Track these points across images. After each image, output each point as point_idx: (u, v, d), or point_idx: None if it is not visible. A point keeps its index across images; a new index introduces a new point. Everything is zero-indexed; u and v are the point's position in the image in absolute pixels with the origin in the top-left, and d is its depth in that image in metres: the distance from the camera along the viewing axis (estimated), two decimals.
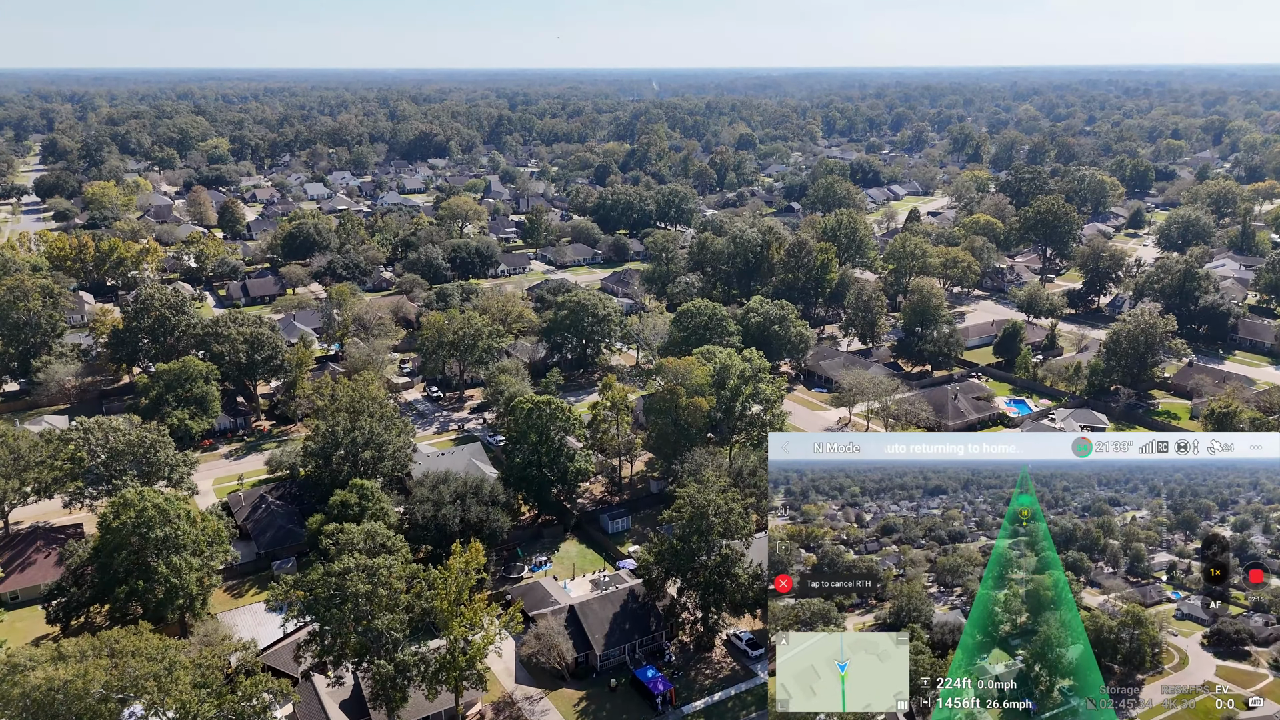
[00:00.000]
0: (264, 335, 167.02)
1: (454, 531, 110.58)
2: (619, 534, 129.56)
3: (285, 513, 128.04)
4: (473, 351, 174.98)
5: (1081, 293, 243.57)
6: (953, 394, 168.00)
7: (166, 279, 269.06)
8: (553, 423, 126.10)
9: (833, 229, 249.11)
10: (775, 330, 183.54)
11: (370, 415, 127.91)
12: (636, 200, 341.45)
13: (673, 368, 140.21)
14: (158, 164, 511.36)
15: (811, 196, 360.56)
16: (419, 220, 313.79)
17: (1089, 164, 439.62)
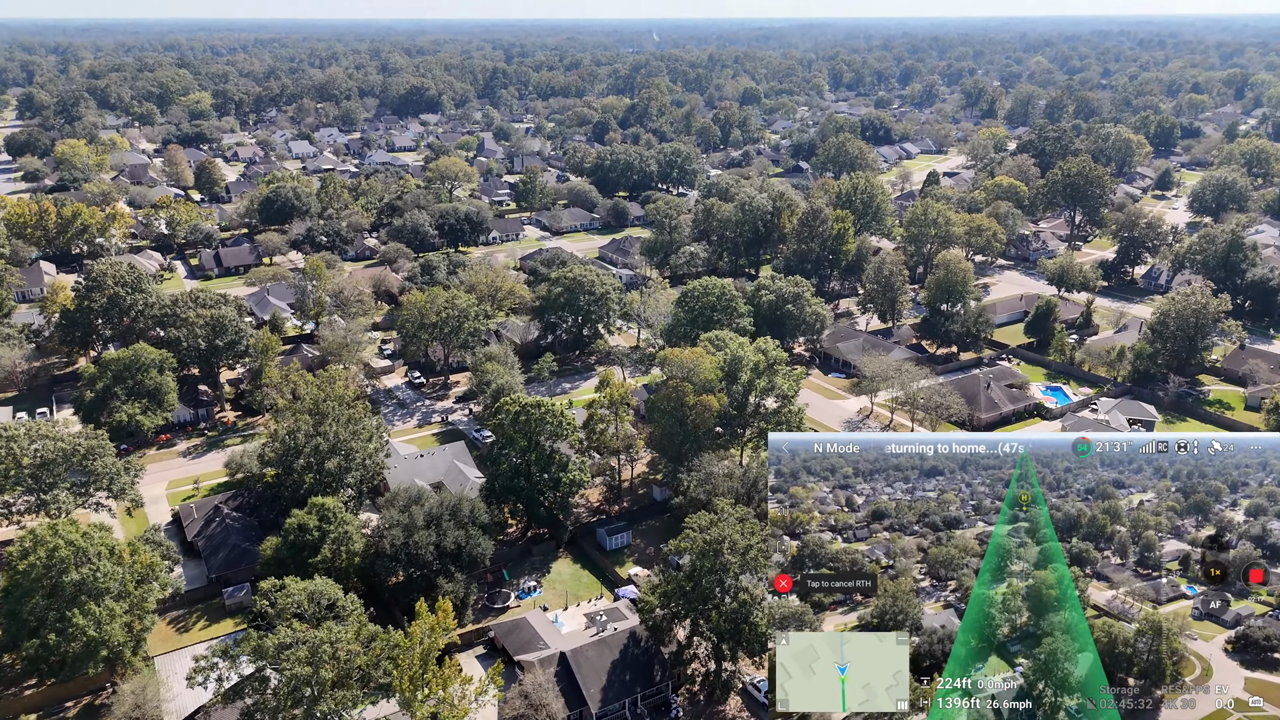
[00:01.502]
0: (227, 318, 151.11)
1: (428, 561, 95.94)
2: (618, 551, 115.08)
3: (242, 528, 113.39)
4: (457, 335, 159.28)
5: (1115, 263, 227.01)
6: (984, 382, 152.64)
7: (136, 247, 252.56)
8: (543, 428, 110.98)
9: (848, 194, 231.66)
10: (789, 310, 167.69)
11: (336, 419, 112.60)
12: (637, 160, 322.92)
13: (678, 360, 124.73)
14: (137, 120, 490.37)
15: (822, 156, 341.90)
16: (406, 183, 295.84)
17: (1111, 120, 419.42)
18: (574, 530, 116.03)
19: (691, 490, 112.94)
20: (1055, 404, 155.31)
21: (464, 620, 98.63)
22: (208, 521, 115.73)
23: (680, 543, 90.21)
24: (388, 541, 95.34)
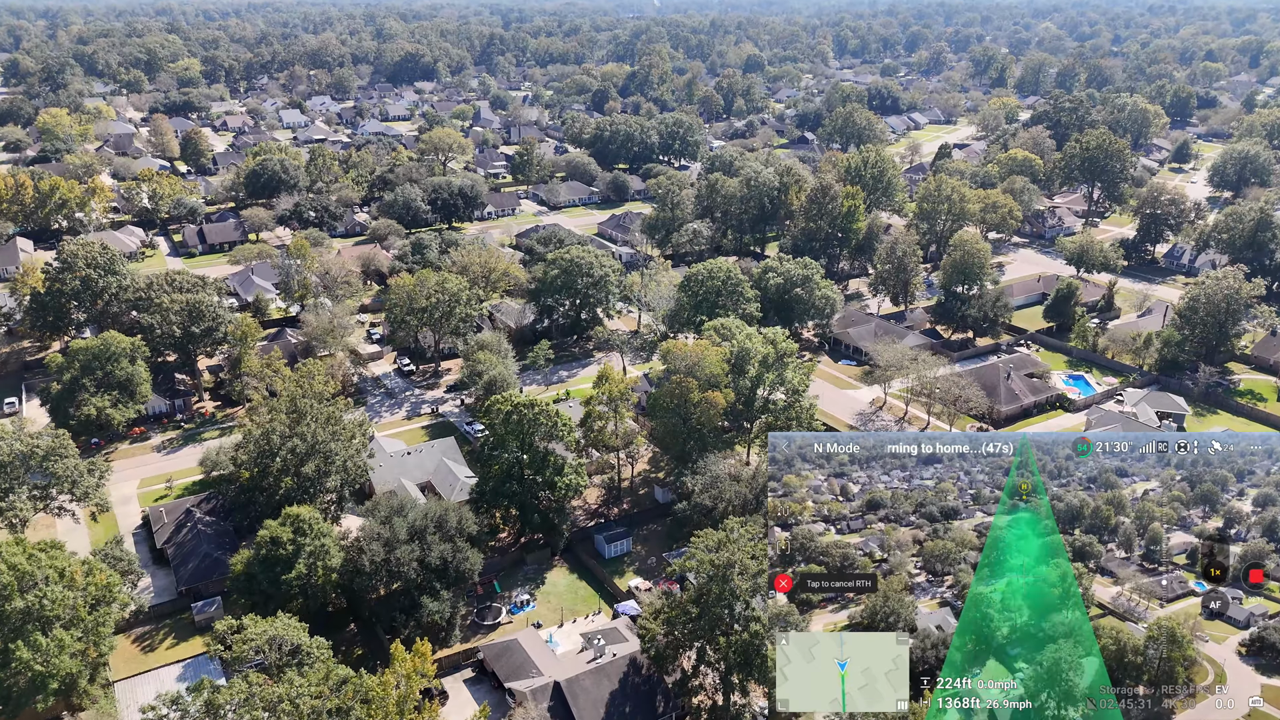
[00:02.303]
0: (204, 303, 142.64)
1: (411, 578, 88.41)
2: (617, 559, 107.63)
3: (215, 534, 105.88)
4: (448, 320, 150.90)
5: (1135, 241, 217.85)
6: (1004, 372, 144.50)
7: (118, 222, 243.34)
8: (536, 428, 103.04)
9: (857, 169, 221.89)
10: (797, 294, 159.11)
11: (315, 418, 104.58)
12: (637, 131, 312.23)
13: (681, 353, 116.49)
14: (125, 87, 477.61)
15: (828, 127, 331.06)
16: (398, 155, 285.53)
17: (1125, 90, 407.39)
18: (570, 536, 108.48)
19: (696, 496, 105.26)
20: (1079, 395, 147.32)
21: (450, 641, 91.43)
22: (179, 527, 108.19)
23: (686, 562, 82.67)
24: (367, 558, 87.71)
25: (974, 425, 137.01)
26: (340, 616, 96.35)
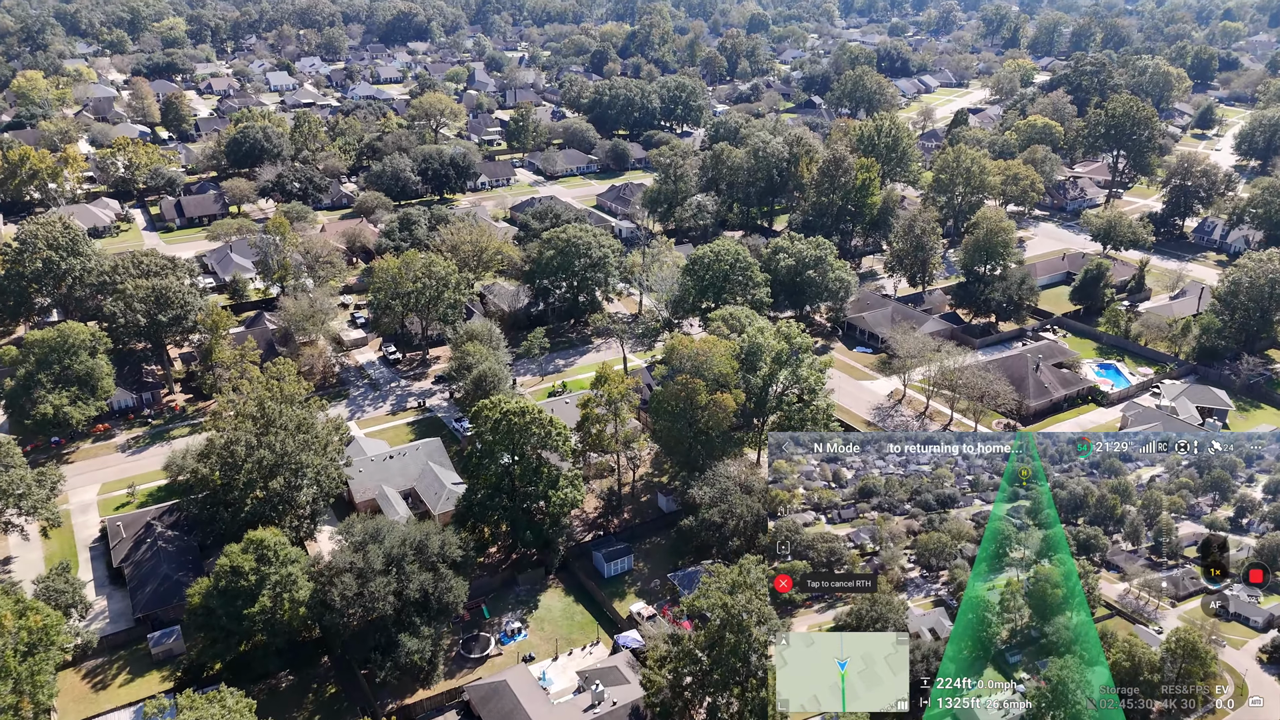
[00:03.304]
0: (171, 289, 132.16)
1: (387, 614, 79.21)
2: (617, 579, 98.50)
3: (177, 551, 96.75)
4: (435, 306, 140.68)
5: (1163, 215, 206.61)
6: (1033, 363, 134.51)
7: (93, 193, 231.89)
8: (528, 438, 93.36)
9: (871, 138, 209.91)
10: (810, 275, 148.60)
11: (284, 426, 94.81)
12: (638, 96, 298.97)
13: (687, 350, 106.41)
14: (108, 48, 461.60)
15: (837, 91, 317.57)
16: (387, 122, 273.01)
17: (1144, 51, 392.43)
18: (567, 553, 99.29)
19: (704, 511, 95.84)
20: (1112, 387, 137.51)
21: (432, 681, 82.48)
22: (138, 543, 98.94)
23: (697, 601, 73.48)
24: (338, 592, 78.41)
25: (1000, 423, 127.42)
26: (314, 647, 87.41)
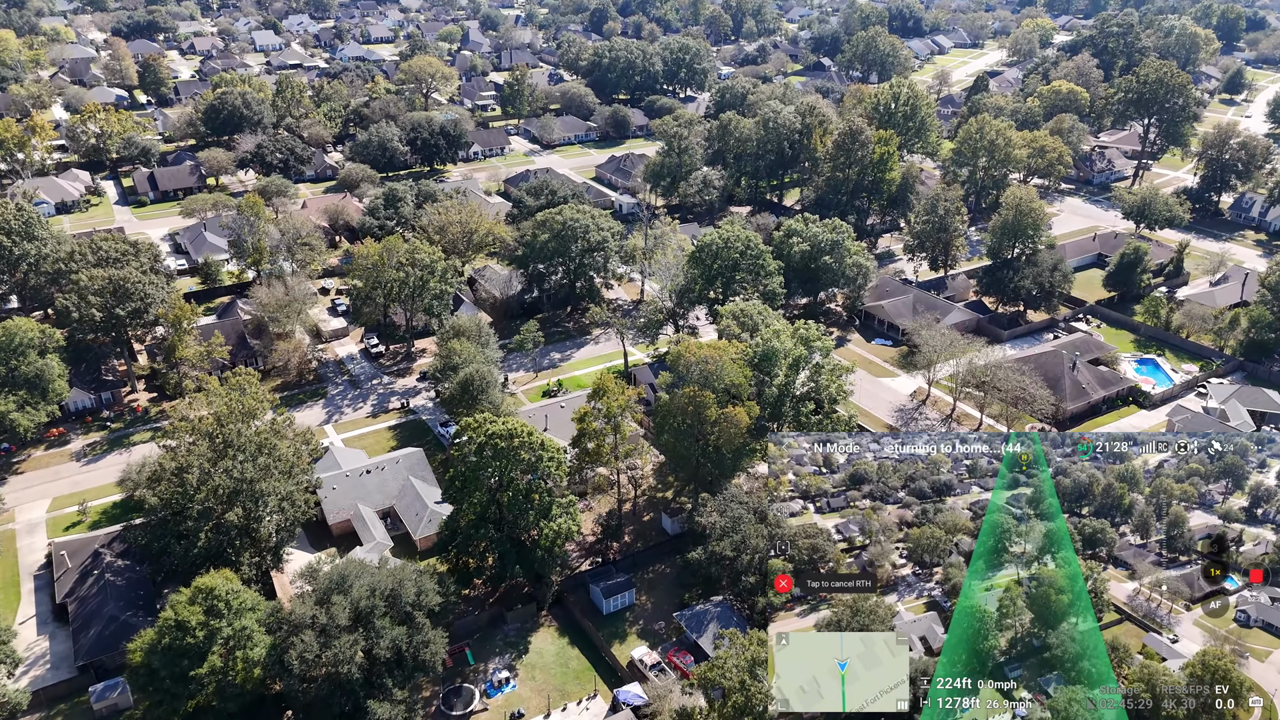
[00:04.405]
0: (129, 280, 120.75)
1: (353, 678, 69.25)
2: (617, 616, 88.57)
3: (126, 585, 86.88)
4: (420, 297, 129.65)
5: (1198, 190, 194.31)
6: (1070, 361, 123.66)
7: (63, 164, 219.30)
8: (516, 463, 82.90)
9: (887, 106, 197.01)
10: (826, 261, 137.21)
11: (244, 448, 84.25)
12: (639, 58, 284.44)
13: (695, 357, 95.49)
14: (89, 4, 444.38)
15: (848, 53, 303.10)
16: (376, 85, 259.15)
17: (1169, 10, 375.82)
18: (560, 585, 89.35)
19: (714, 543, 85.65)
20: (1154, 386, 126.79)
21: None
22: (84, 574, 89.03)
23: (710, 671, 63.60)
24: (296, 653, 68.38)
25: (1034, 426, 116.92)
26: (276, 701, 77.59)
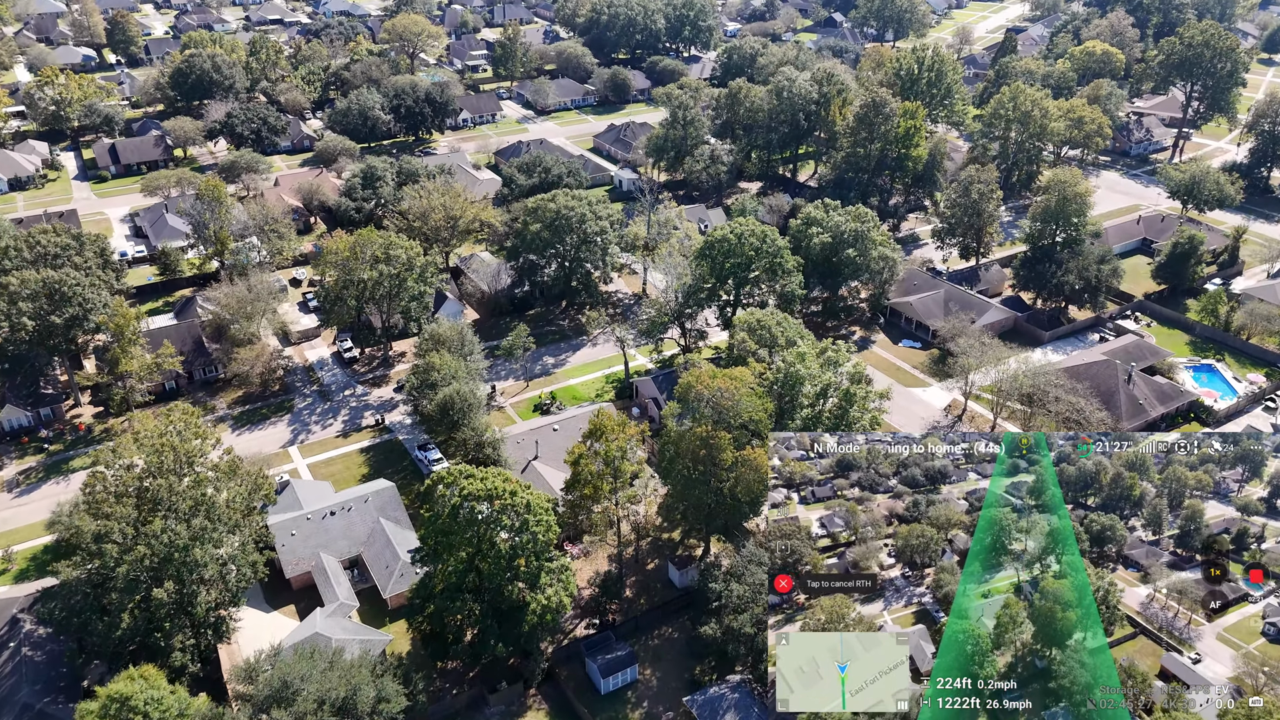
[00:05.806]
0: (67, 283, 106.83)
1: None
2: (618, 695, 76.41)
3: (47, 662, 74.84)
4: (397, 297, 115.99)
5: (1247, 165, 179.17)
6: (1124, 372, 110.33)
7: (21, 132, 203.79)
8: (497, 527, 70.14)
9: (910, 71, 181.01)
10: (849, 254, 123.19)
11: (174, 510, 71.24)
12: (640, 15, 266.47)
13: (707, 389, 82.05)
14: None
15: (862, 8, 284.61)
16: (357, 46, 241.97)
17: None
18: (550, 659, 77.13)
19: (730, 616, 73.21)
20: (1216, 399, 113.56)
21: None
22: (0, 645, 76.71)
23: None
24: None
25: None
26: None
